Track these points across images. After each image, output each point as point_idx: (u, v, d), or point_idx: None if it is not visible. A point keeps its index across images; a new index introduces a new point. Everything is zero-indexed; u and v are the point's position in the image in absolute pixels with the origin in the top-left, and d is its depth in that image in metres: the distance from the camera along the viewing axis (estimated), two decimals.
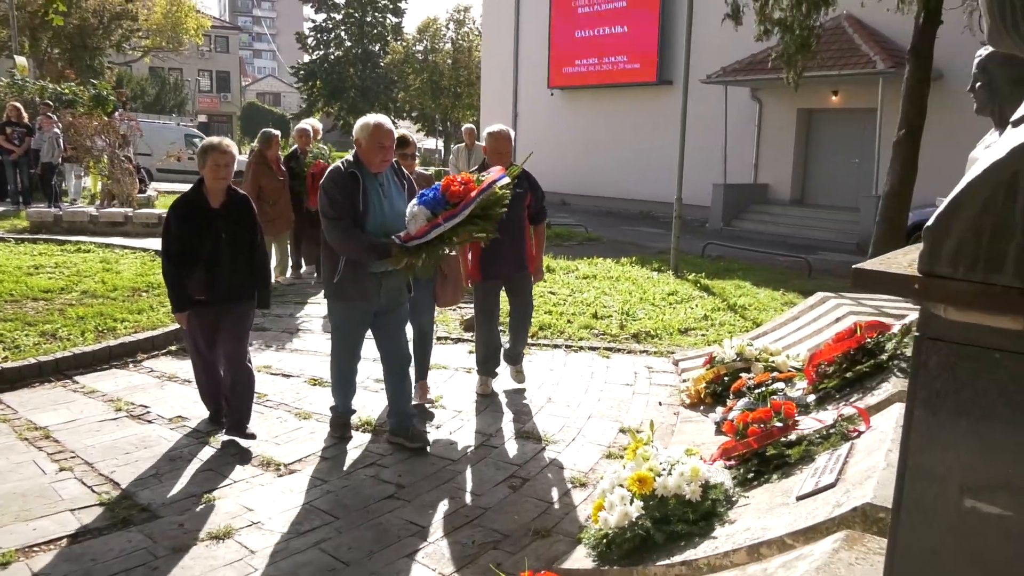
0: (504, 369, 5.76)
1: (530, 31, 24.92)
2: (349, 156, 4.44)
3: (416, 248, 4.04)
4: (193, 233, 4.31)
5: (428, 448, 4.57)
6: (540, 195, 5.58)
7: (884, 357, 4.24)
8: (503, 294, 5.61)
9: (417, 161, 5.31)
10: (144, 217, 12.50)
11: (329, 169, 4.41)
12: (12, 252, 9.91)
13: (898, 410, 3.57)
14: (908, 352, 4.29)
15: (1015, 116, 1.36)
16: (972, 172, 1.34)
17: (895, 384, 3.97)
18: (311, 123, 8.81)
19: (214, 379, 4.68)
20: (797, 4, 8.87)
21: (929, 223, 1.37)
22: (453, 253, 4.60)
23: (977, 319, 1.37)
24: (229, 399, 4.61)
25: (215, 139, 4.46)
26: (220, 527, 3.59)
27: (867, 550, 2.32)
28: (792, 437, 3.73)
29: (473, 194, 4.06)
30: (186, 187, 4.69)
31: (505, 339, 5.86)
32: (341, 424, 4.74)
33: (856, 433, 3.55)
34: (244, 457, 4.38)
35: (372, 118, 4.33)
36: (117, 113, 16.95)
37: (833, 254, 14.88)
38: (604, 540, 3.29)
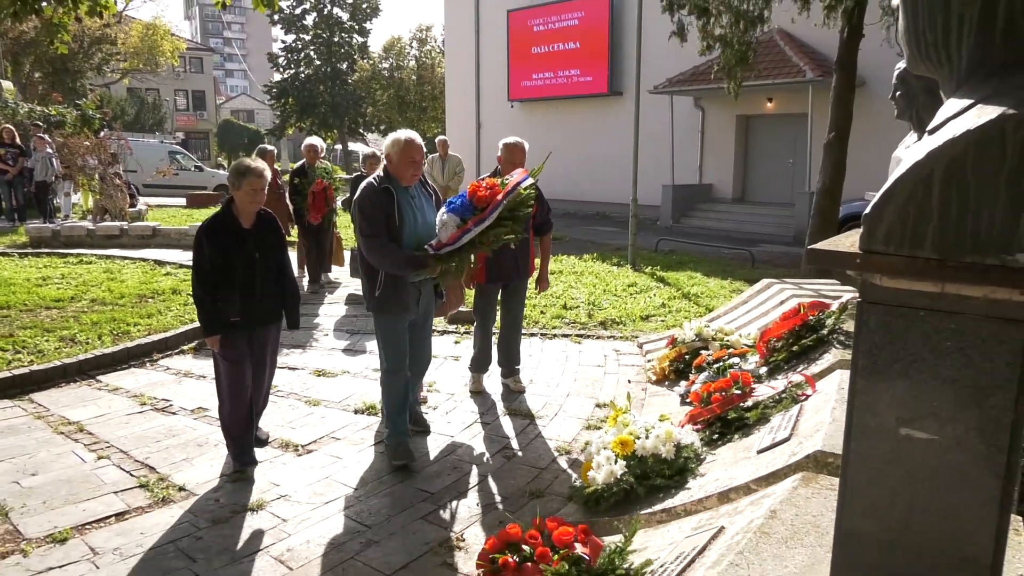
0: (495, 367, 5.64)
1: (490, 48, 25.10)
2: (379, 172, 4.19)
3: (448, 255, 3.92)
4: (227, 255, 3.97)
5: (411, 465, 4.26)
6: (546, 207, 5.45)
7: (825, 332, 4.55)
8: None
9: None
10: (139, 230, 12.44)
11: (361, 187, 4.12)
12: (18, 266, 9.85)
13: (839, 376, 3.88)
14: (846, 327, 4.61)
15: (931, 124, 1.62)
16: (898, 171, 1.60)
17: (835, 354, 4.27)
18: (316, 140, 8.76)
19: (243, 403, 4.14)
20: (735, 22, 9.22)
21: (866, 211, 1.63)
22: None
23: (905, 285, 1.63)
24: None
25: (250, 162, 4.07)
26: (253, 501, 3.76)
27: (820, 487, 2.60)
28: (749, 403, 4.02)
29: (499, 197, 3.94)
30: (172, 202, 4.70)
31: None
32: (405, 451, 4.24)
33: (804, 396, 3.84)
34: (263, 441, 4.52)
35: (403, 134, 4.13)
36: (103, 132, 16.81)
37: (772, 246, 15.32)
38: (593, 496, 3.54)
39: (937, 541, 1.70)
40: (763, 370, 4.58)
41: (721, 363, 4.84)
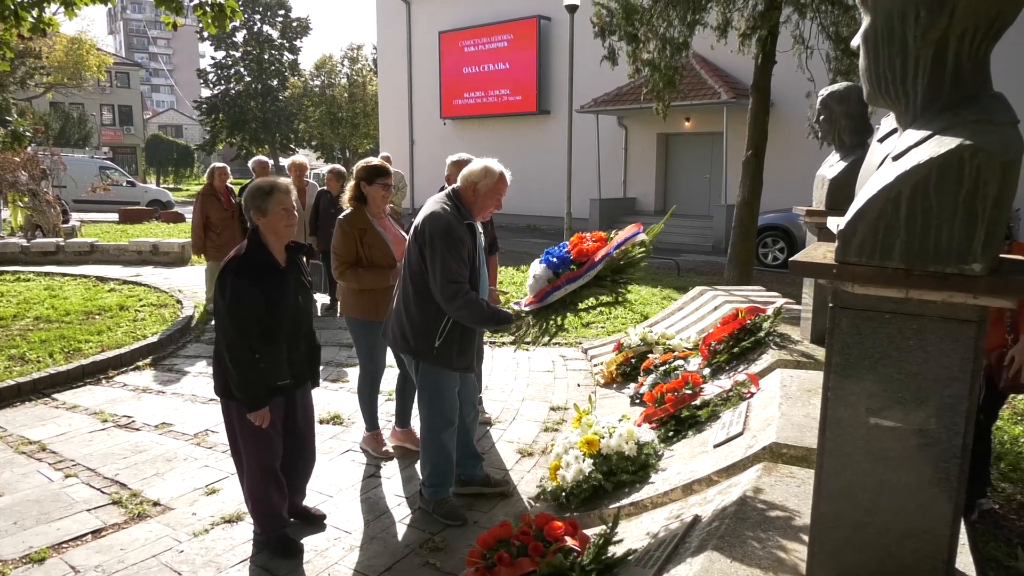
0: None
1: (422, 67, 25.11)
2: (447, 200, 3.42)
3: (535, 313, 3.35)
4: (272, 302, 3.10)
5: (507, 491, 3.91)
6: (492, 226, 4.95)
7: (762, 334, 4.78)
8: None
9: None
10: (76, 246, 11.93)
11: (439, 218, 3.31)
12: None
13: (779, 374, 4.10)
14: (780, 329, 4.87)
15: (893, 151, 1.79)
16: (867, 191, 1.76)
17: (772, 355, 4.50)
18: (264, 158, 8.53)
19: (278, 483, 3.35)
20: (662, 48, 9.55)
21: (841, 227, 1.79)
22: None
23: (874, 291, 1.79)
24: (291, 484, 3.51)
25: (270, 179, 3.23)
26: (231, 512, 3.69)
27: (780, 475, 2.76)
28: (699, 401, 4.19)
29: (601, 253, 3.27)
30: (104, 218, 4.25)
31: None
32: (456, 514, 3.64)
33: (750, 394, 4.04)
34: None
35: (497, 165, 3.49)
36: (30, 148, 15.99)
37: (693, 255, 15.84)
38: (562, 493, 3.62)
39: (902, 517, 1.87)
40: (706, 371, 4.78)
41: (667, 365, 5.02)
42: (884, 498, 1.88)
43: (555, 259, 3.38)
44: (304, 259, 3.44)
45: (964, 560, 2.10)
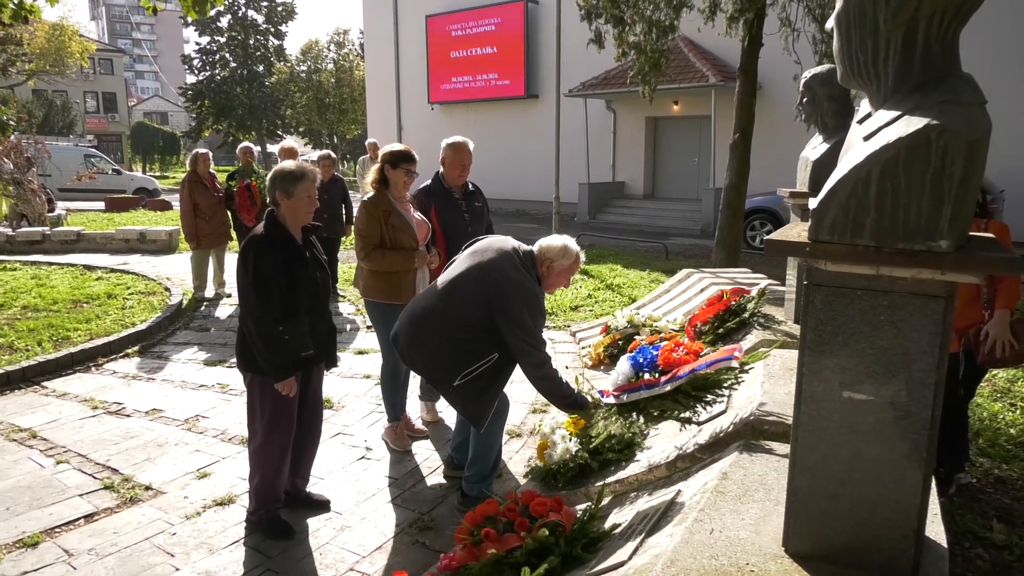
0: None
1: (409, 52, 24.95)
2: (521, 263, 3.31)
3: (612, 407, 3.28)
4: (293, 274, 3.23)
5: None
6: (487, 210, 4.90)
7: (746, 315, 4.85)
8: None
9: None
10: (63, 235, 11.87)
11: (517, 276, 3.24)
12: None
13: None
14: (764, 310, 4.93)
15: (865, 131, 1.83)
16: (839, 171, 1.81)
17: (756, 335, 4.57)
18: (250, 144, 8.49)
19: (286, 461, 3.46)
20: (649, 30, 9.55)
21: (814, 206, 1.83)
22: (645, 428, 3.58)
23: (846, 268, 1.84)
24: (297, 466, 3.62)
25: (296, 164, 3.34)
26: (223, 495, 3.74)
27: (761, 450, 2.82)
28: None
29: (687, 368, 3.10)
30: (90, 206, 4.25)
31: None
32: None
33: None
34: (227, 437, 4.48)
35: (574, 245, 3.47)
36: (14, 136, 15.83)
37: (682, 239, 15.91)
38: (550, 472, 3.68)
39: (874, 487, 1.93)
40: None
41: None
42: (857, 470, 1.94)
43: (642, 359, 3.30)
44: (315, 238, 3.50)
45: (935, 529, 2.17)
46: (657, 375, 3.16)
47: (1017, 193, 12.55)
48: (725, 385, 3.12)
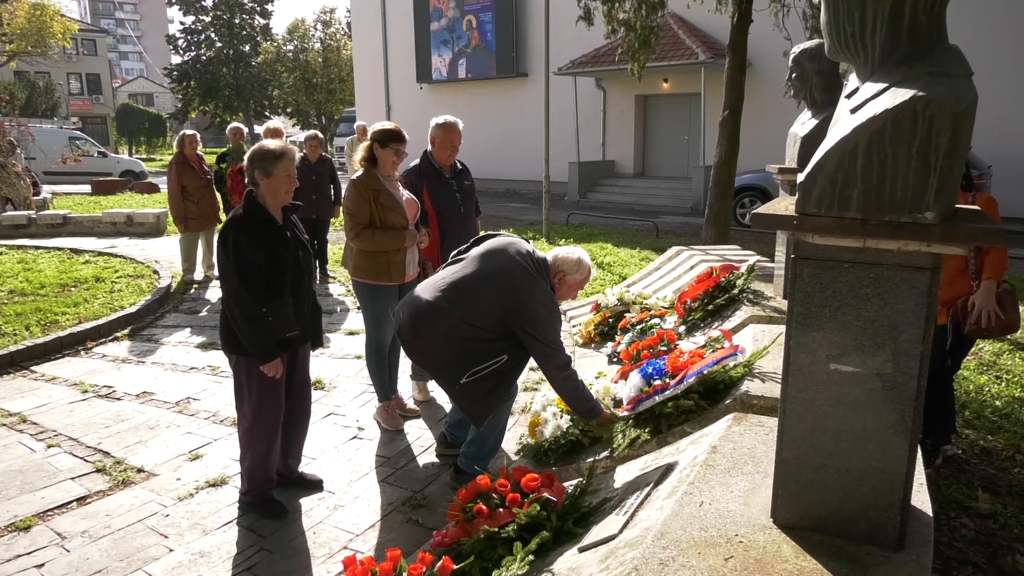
0: None
1: (397, 31, 24.69)
2: (534, 269, 3.32)
3: (628, 420, 3.37)
4: (275, 255, 3.21)
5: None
6: (474, 189, 4.90)
7: (736, 291, 4.86)
8: None
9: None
10: (49, 218, 11.77)
11: (534, 286, 3.26)
12: None
13: (752, 329, 4.18)
14: (753, 287, 4.95)
15: (852, 104, 1.83)
16: (826, 144, 1.81)
17: (746, 311, 4.58)
18: (240, 124, 8.39)
19: (276, 441, 3.45)
20: (638, 7, 9.48)
21: (801, 179, 1.84)
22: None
23: (833, 241, 1.85)
24: (289, 446, 3.64)
25: (277, 143, 3.31)
26: (215, 476, 3.75)
27: (750, 424, 2.85)
28: None
29: (694, 368, 3.24)
30: (76, 190, 4.18)
31: None
32: None
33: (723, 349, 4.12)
34: (219, 419, 4.48)
35: (587, 259, 3.52)
36: None
37: (672, 216, 15.92)
38: (541, 449, 3.71)
39: (861, 458, 1.95)
40: (682, 328, 4.86)
41: (644, 324, 5.10)
42: (844, 440, 1.96)
43: (652, 369, 3.42)
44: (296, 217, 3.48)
45: (921, 499, 2.20)
46: (667, 379, 3.27)
47: (1004, 169, 12.60)
48: (736, 378, 3.23)
